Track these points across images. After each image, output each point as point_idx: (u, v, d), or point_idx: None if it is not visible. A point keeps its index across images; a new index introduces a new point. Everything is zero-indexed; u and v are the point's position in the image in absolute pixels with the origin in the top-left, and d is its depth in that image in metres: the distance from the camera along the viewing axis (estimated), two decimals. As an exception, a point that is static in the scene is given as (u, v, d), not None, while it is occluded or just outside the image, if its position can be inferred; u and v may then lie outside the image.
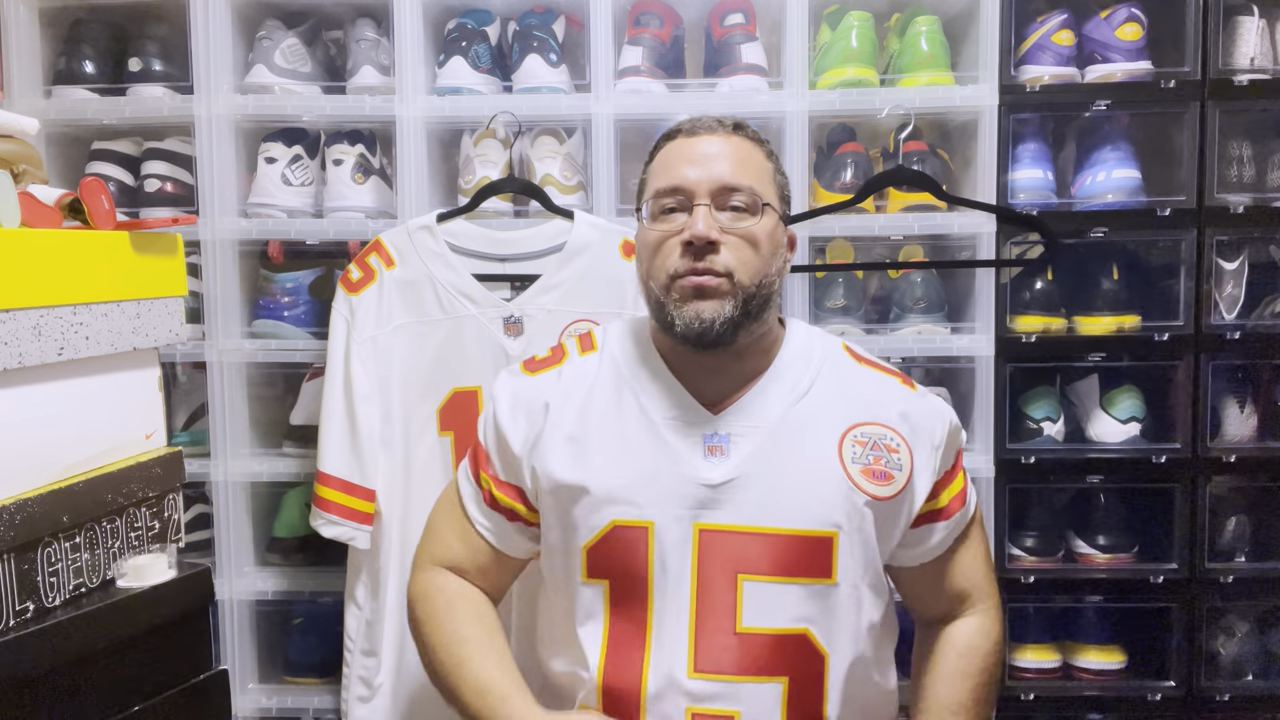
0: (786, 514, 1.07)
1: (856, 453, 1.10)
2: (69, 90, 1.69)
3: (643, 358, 1.17)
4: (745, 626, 1.06)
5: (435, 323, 1.57)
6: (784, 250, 1.15)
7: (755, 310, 1.09)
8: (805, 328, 1.23)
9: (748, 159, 1.11)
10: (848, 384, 1.15)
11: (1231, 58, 1.65)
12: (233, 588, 1.70)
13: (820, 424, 1.12)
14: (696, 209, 1.07)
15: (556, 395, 1.16)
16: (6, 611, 0.96)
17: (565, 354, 1.21)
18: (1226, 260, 1.68)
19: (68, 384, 1.07)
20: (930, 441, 1.14)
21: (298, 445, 1.73)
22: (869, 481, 1.10)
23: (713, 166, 1.09)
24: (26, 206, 1.07)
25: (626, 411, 1.13)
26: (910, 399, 1.17)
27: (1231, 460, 1.66)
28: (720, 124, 1.13)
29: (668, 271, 1.08)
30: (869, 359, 1.22)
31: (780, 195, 1.15)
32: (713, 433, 1.10)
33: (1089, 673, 1.71)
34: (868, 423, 1.13)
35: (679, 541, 1.07)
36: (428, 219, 1.58)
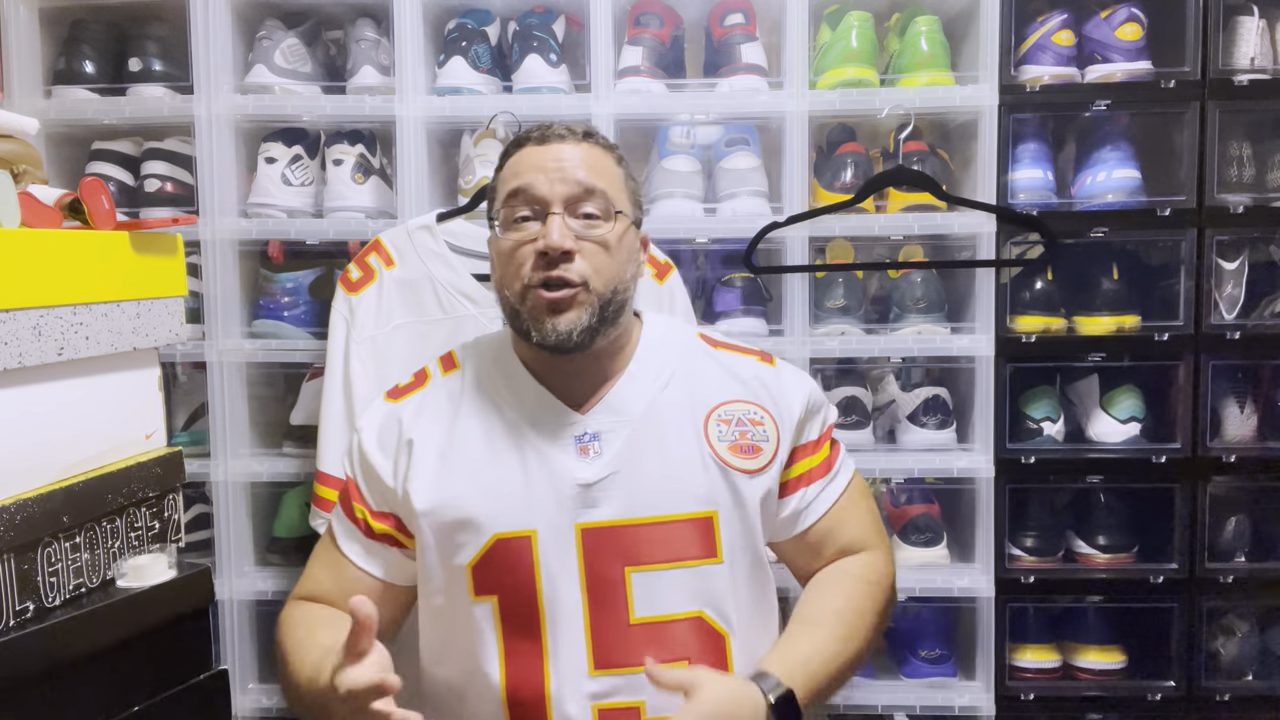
0: (664, 501, 1.09)
1: (722, 431, 1.13)
2: (69, 90, 1.69)
3: (504, 368, 1.17)
4: (639, 617, 1.08)
5: (435, 322, 1.57)
6: (637, 254, 1.16)
7: (611, 315, 1.10)
8: (661, 320, 1.24)
9: (599, 165, 1.12)
10: (707, 368, 1.18)
11: (1231, 58, 1.65)
12: (233, 588, 1.70)
13: (684, 409, 1.14)
14: (550, 218, 1.07)
15: (423, 420, 1.15)
16: (6, 611, 0.96)
17: (428, 376, 1.21)
18: (1226, 260, 1.68)
19: (68, 384, 1.07)
20: (789, 413, 1.17)
21: (298, 445, 1.73)
22: (737, 457, 1.12)
23: (565, 173, 1.09)
24: (26, 206, 1.07)
25: (493, 424, 1.13)
26: (769, 373, 1.19)
27: (1231, 460, 1.66)
28: (570, 131, 1.14)
29: (522, 281, 1.08)
30: (726, 342, 1.24)
31: (632, 200, 1.16)
32: (582, 432, 1.11)
33: (1089, 673, 1.71)
34: (729, 400, 1.15)
35: (563, 544, 1.08)
36: (427, 219, 1.58)
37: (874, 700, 1.70)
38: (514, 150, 1.15)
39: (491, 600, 1.10)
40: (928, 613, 1.75)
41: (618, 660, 1.07)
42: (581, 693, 1.07)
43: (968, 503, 1.73)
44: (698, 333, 1.24)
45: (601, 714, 1.07)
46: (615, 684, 1.07)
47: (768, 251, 1.71)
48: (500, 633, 1.09)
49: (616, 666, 1.07)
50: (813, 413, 1.20)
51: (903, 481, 1.79)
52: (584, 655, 1.07)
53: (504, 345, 1.20)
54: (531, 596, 1.08)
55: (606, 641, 1.07)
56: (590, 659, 1.07)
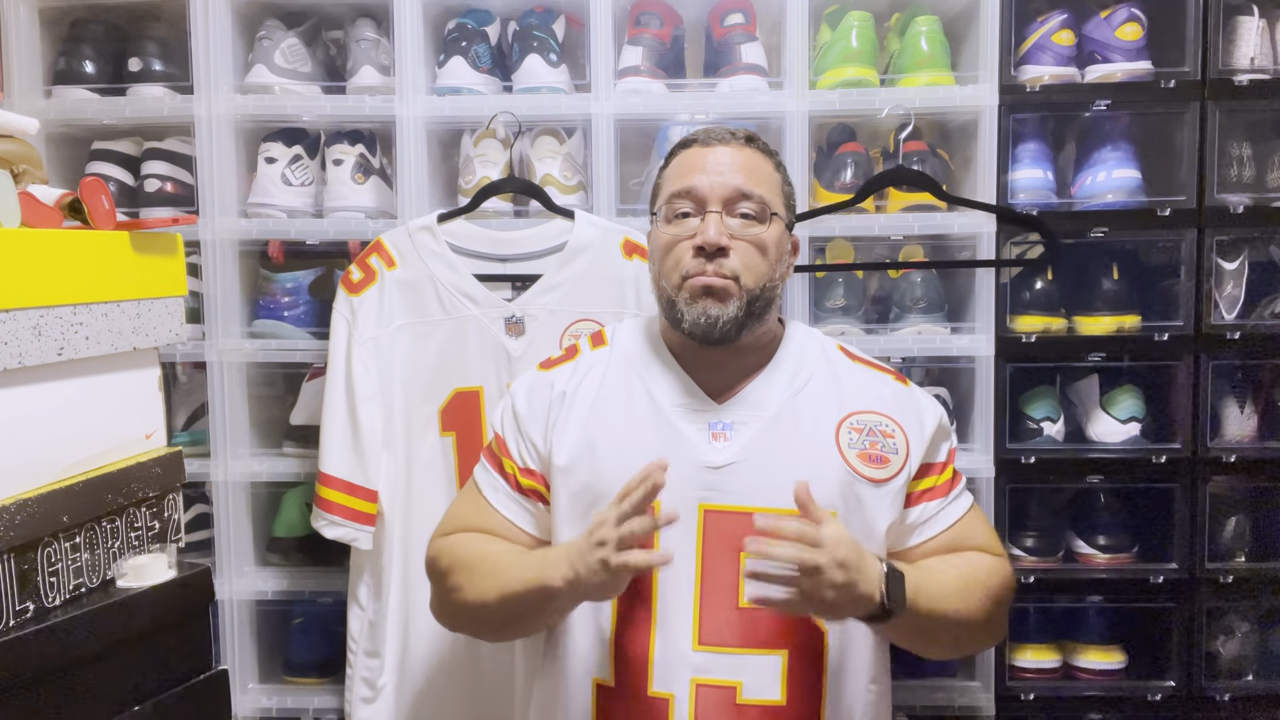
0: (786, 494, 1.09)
1: (853, 439, 1.18)
2: (69, 90, 1.69)
3: (652, 351, 1.24)
4: (747, 602, 1.09)
5: (436, 323, 1.57)
6: (788, 255, 1.23)
7: (759, 311, 1.17)
8: (803, 328, 1.30)
9: (758, 170, 1.19)
10: (843, 378, 1.23)
11: (1231, 58, 1.65)
12: (233, 588, 1.70)
13: (817, 413, 1.19)
14: (709, 215, 1.15)
15: (570, 385, 1.23)
16: (6, 611, 0.96)
17: (579, 350, 1.29)
18: (1226, 260, 1.68)
19: (68, 384, 1.07)
20: (921, 430, 1.21)
21: (298, 445, 1.73)
22: (866, 465, 1.17)
23: (725, 176, 1.16)
24: (26, 206, 1.07)
25: (636, 398, 1.20)
26: (904, 391, 1.25)
27: (1231, 460, 1.66)
28: (734, 135, 1.21)
29: (680, 272, 1.16)
30: (864, 358, 1.29)
31: (786, 204, 1.22)
32: (717, 420, 1.17)
33: (1089, 673, 1.71)
34: (863, 411, 1.20)
35: (684, 521, 1.11)
36: (428, 219, 1.58)
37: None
38: (680, 150, 1.23)
39: None
40: (928, 613, 1.75)
41: (721, 639, 1.12)
42: (684, 663, 1.11)
43: (968, 503, 1.73)
44: (837, 345, 1.29)
45: (699, 689, 1.11)
46: (716, 662, 1.11)
47: (768, 251, 1.70)
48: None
49: (719, 645, 1.12)
50: (942, 436, 1.24)
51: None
52: (690, 630, 1.12)
53: (654, 331, 1.27)
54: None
55: (713, 621, 1.12)
56: (696, 634, 1.12)
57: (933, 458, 1.22)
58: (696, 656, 1.11)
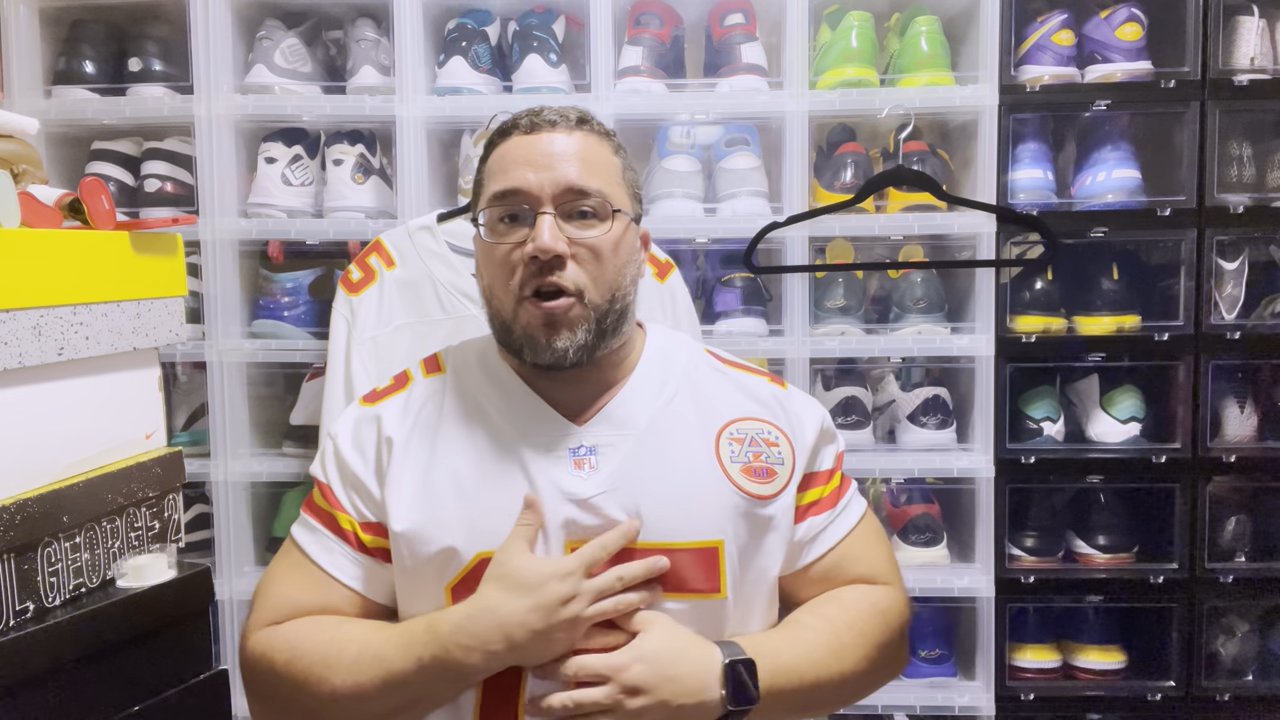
0: (667, 526, 0.97)
1: (735, 451, 1.02)
2: (69, 90, 1.69)
3: (492, 373, 1.06)
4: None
5: (436, 323, 1.57)
6: (638, 253, 1.06)
7: (611, 327, 1.01)
8: (667, 332, 1.14)
9: (594, 157, 1.01)
10: (717, 384, 1.08)
11: (1231, 58, 1.65)
12: (233, 588, 1.70)
13: (693, 424, 1.03)
14: (540, 219, 0.96)
15: (399, 430, 1.03)
16: (6, 611, 0.96)
17: (410, 379, 1.10)
18: (1226, 260, 1.68)
19: (68, 384, 1.07)
20: (803, 434, 1.07)
21: (298, 445, 1.73)
22: (750, 480, 1.01)
23: (556, 168, 0.98)
24: (26, 206, 1.07)
25: (479, 433, 1.02)
26: (782, 394, 1.10)
27: (1231, 460, 1.66)
28: (563, 117, 1.02)
29: (513, 293, 0.98)
30: (735, 360, 1.14)
31: (631, 194, 1.05)
32: (578, 444, 1.00)
33: (1089, 673, 1.71)
34: (743, 418, 1.05)
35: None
36: (428, 219, 1.58)
37: (874, 700, 1.69)
38: (499, 140, 1.04)
39: None
40: (928, 613, 1.75)
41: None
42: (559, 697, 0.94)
43: (968, 503, 1.73)
44: (705, 349, 1.14)
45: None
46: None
47: (768, 251, 1.71)
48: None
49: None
50: (826, 439, 1.10)
51: (903, 481, 1.79)
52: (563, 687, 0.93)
53: (491, 348, 1.09)
54: None
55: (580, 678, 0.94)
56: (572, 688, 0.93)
57: (816, 465, 1.07)
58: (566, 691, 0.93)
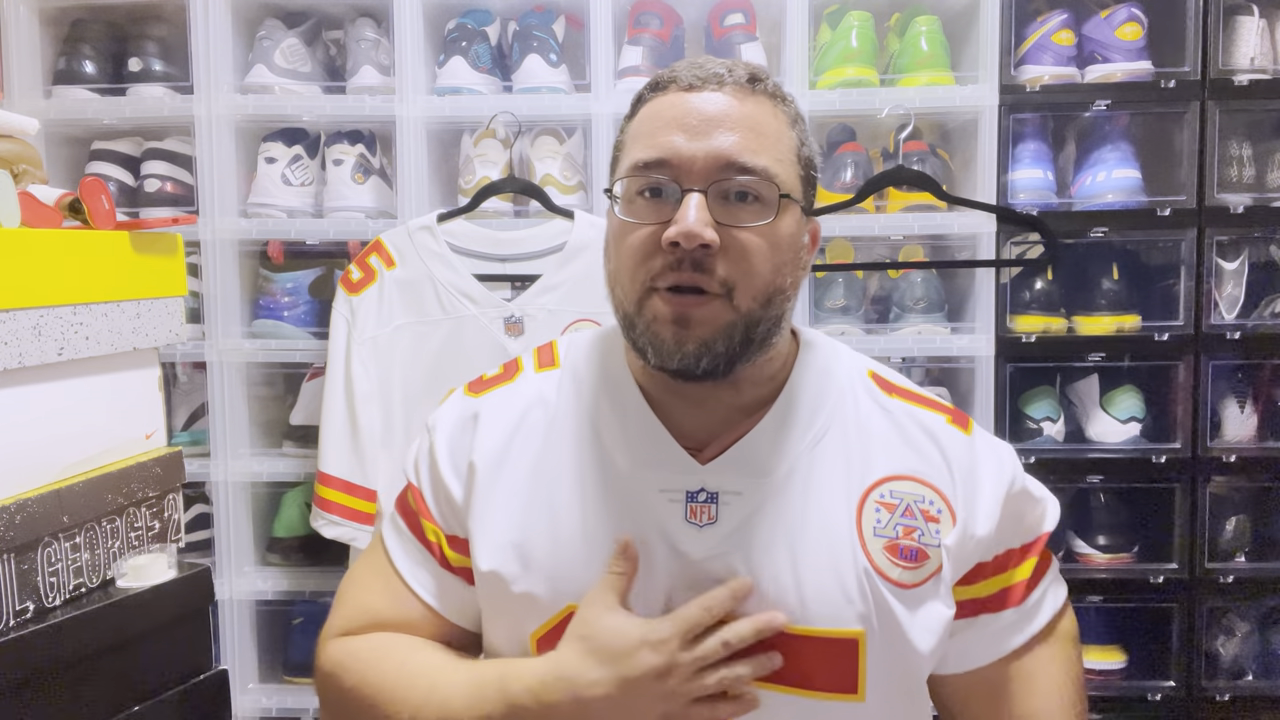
0: (796, 604, 0.80)
1: (881, 521, 0.82)
2: (69, 90, 1.69)
3: (613, 382, 0.89)
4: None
5: (436, 323, 1.57)
6: (805, 252, 0.87)
7: (760, 338, 0.82)
8: (826, 344, 0.93)
9: (764, 128, 0.80)
10: (876, 422, 0.87)
11: (1231, 58, 1.65)
12: (233, 588, 1.70)
13: (838, 478, 0.84)
14: (687, 198, 0.77)
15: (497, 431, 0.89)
16: (6, 611, 0.96)
17: (520, 368, 0.94)
18: (1226, 260, 1.68)
19: (68, 384, 1.07)
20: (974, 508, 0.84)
21: (298, 445, 1.73)
22: (894, 563, 0.81)
23: (715, 137, 0.78)
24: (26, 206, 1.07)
25: (587, 458, 0.86)
26: (961, 446, 0.87)
27: (1231, 460, 1.66)
28: (731, 73, 0.81)
29: (642, 280, 0.80)
30: (904, 388, 0.92)
31: (805, 178, 0.84)
32: (699, 489, 0.82)
33: (1089, 673, 1.71)
34: (899, 476, 0.84)
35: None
36: (428, 219, 1.58)
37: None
38: (650, 95, 0.84)
39: None
40: (928, 613, 1.75)
41: None
42: None
43: (968, 503, 1.73)
44: (869, 370, 0.92)
45: None
46: None
47: (768, 251, 1.70)
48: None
49: None
50: (1013, 510, 0.86)
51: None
52: None
53: (616, 350, 0.91)
54: None
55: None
56: None
57: (1004, 545, 0.85)
58: None
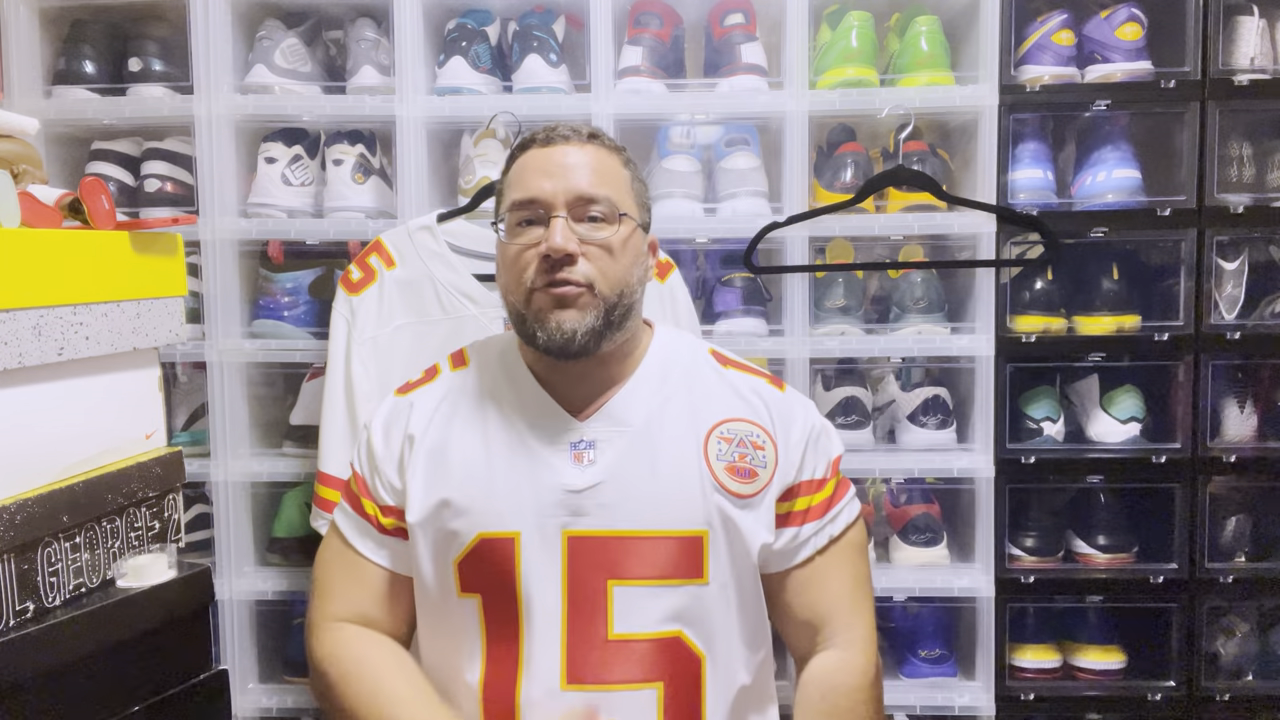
0: (655, 516, 1.07)
1: (721, 449, 1.11)
2: (69, 90, 1.69)
3: (508, 368, 1.17)
4: (617, 633, 1.06)
5: (436, 323, 1.57)
6: (644, 257, 1.15)
7: (618, 320, 1.09)
8: (672, 333, 1.23)
9: (604, 168, 1.10)
10: (713, 384, 1.16)
11: (1231, 58, 1.65)
12: (233, 588, 1.70)
13: (685, 424, 1.12)
14: (553, 221, 1.06)
15: (423, 412, 1.16)
16: (6, 611, 0.96)
17: (438, 372, 1.22)
18: (1226, 260, 1.68)
19: (68, 384, 1.07)
20: (787, 441, 1.14)
21: (298, 445, 1.73)
22: (733, 479, 1.10)
23: (569, 177, 1.08)
24: (26, 206, 1.07)
25: (491, 422, 1.13)
26: (778, 398, 1.17)
27: (1231, 460, 1.66)
28: (576, 132, 1.12)
29: (525, 285, 1.08)
30: (737, 360, 1.21)
31: (638, 202, 1.14)
32: (579, 439, 1.10)
33: (1089, 673, 1.71)
34: (734, 419, 1.13)
35: (548, 549, 1.07)
36: (428, 219, 1.58)
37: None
38: (519, 153, 1.13)
39: (475, 599, 1.10)
40: (927, 613, 1.76)
41: (591, 676, 1.06)
42: (554, 705, 1.05)
43: (968, 503, 1.73)
44: (709, 349, 1.22)
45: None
46: (586, 700, 1.05)
47: (768, 251, 1.71)
48: (483, 633, 1.10)
49: (590, 682, 1.06)
50: (815, 445, 1.16)
51: (903, 481, 1.79)
52: (558, 667, 1.06)
53: (511, 346, 1.19)
54: (512, 598, 1.08)
55: (581, 655, 1.06)
56: (564, 673, 1.06)
57: (803, 474, 1.14)
58: (567, 696, 1.05)
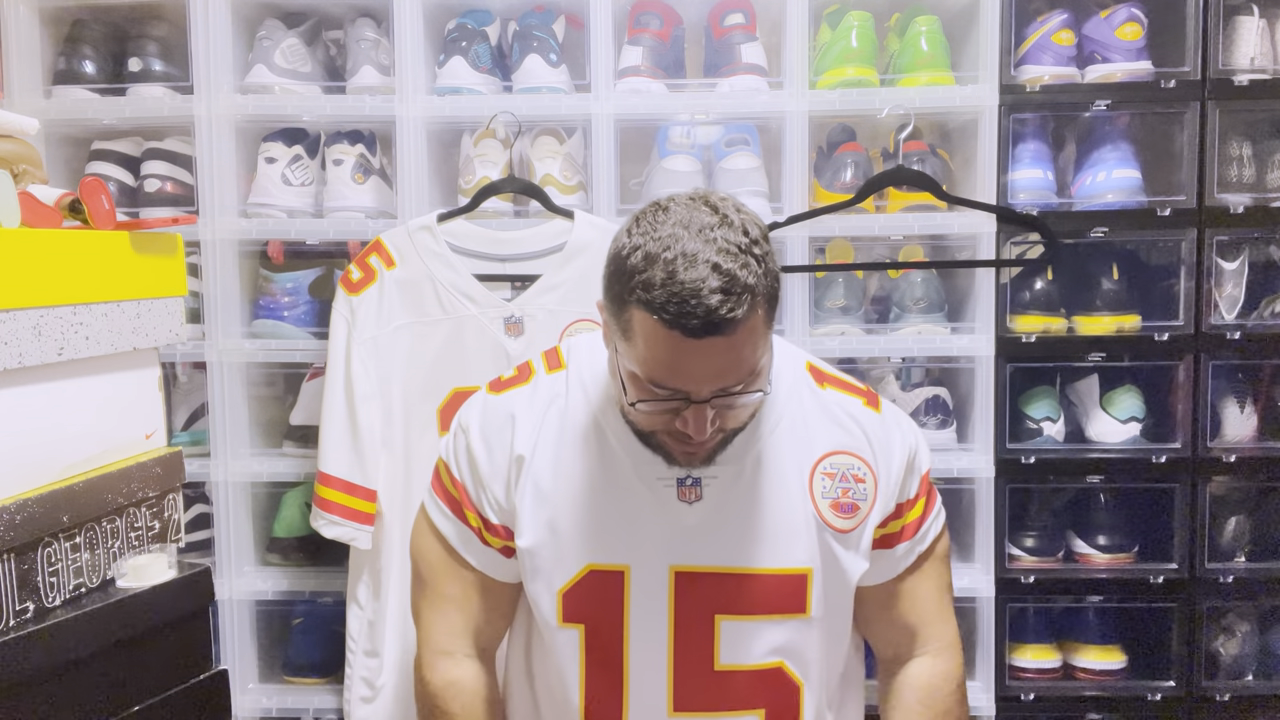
0: (761, 554, 1.08)
1: (826, 486, 1.10)
2: (69, 90, 1.69)
3: (613, 399, 1.09)
4: (723, 664, 1.08)
5: (436, 323, 1.57)
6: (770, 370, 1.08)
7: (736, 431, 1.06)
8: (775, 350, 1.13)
9: (753, 343, 0.94)
10: (813, 412, 1.13)
11: (1231, 58, 1.65)
12: (233, 588, 1.70)
13: (789, 459, 1.10)
14: (695, 409, 0.96)
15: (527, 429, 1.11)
16: (6, 611, 0.96)
17: (533, 372, 1.16)
18: (1226, 260, 1.68)
19: (68, 384, 1.07)
20: (889, 469, 1.13)
21: (298, 445, 1.73)
22: (837, 515, 1.10)
23: (717, 378, 0.95)
24: (26, 206, 1.07)
25: (597, 451, 1.10)
26: (876, 423, 1.14)
27: (1231, 460, 1.66)
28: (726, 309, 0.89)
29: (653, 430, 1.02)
30: (834, 376, 1.18)
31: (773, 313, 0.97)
32: (685, 476, 1.08)
33: (1089, 673, 1.71)
34: (835, 452, 1.12)
35: (655, 584, 1.08)
36: (428, 219, 1.58)
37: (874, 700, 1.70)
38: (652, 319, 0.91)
39: (577, 629, 1.10)
40: (928, 613, 1.75)
41: (696, 705, 1.09)
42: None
43: (968, 503, 1.73)
44: (807, 363, 1.17)
45: None
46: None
47: (768, 251, 1.70)
48: (583, 661, 1.11)
49: (695, 709, 1.09)
50: (912, 468, 1.15)
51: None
52: (664, 695, 1.09)
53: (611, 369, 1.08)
54: (618, 630, 1.09)
55: (688, 685, 1.09)
56: (670, 700, 1.09)
57: (901, 496, 1.14)
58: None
